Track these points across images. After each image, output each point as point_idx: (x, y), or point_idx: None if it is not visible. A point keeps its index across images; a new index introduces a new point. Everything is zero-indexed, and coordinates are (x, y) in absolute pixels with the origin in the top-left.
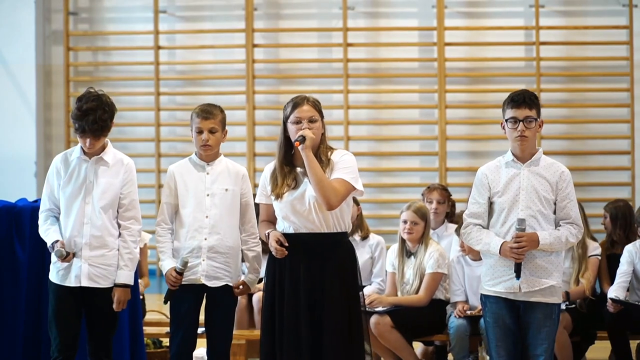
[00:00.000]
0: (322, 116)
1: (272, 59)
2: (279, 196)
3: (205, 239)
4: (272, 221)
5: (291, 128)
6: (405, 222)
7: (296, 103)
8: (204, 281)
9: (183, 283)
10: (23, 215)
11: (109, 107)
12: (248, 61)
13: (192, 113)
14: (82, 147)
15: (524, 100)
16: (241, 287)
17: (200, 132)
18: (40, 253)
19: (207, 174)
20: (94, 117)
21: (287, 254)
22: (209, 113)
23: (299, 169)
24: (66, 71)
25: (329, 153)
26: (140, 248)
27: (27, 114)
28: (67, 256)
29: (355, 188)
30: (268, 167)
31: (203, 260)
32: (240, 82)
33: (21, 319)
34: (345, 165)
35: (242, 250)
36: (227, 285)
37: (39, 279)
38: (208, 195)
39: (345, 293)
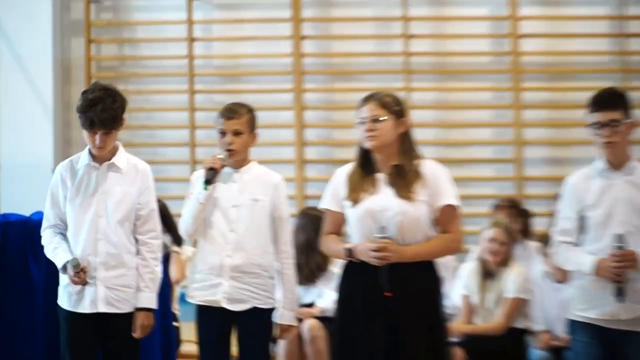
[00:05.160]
0: (399, 114)
1: (322, 53)
2: (355, 201)
3: (229, 257)
4: (339, 232)
5: (360, 128)
6: (490, 240)
7: (361, 101)
8: (225, 305)
9: (204, 305)
10: (39, 230)
11: (119, 98)
12: (295, 55)
13: (217, 113)
14: (90, 153)
15: (605, 100)
16: (281, 330)
17: (223, 134)
18: (59, 273)
19: (235, 182)
20: (102, 106)
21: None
22: (233, 112)
23: (380, 175)
24: (87, 66)
25: (416, 163)
26: (181, 263)
27: (43, 115)
28: (82, 270)
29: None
30: (343, 169)
31: (225, 280)
32: (287, 79)
33: (37, 350)
34: (446, 185)
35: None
36: (255, 308)
37: (57, 304)
38: (234, 206)
39: (429, 322)
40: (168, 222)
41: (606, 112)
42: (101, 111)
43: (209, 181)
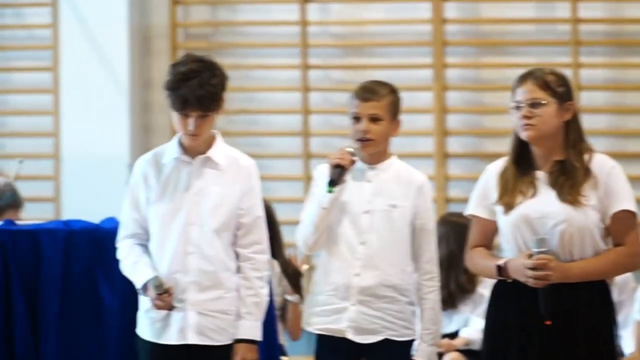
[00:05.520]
0: (564, 97)
1: (469, 18)
2: (509, 206)
3: (357, 275)
4: (488, 245)
5: (514, 115)
6: None
7: (517, 80)
8: (350, 336)
9: (325, 334)
10: (111, 242)
11: (219, 72)
12: (435, 21)
13: (351, 94)
14: (179, 144)
15: None
16: None
17: (357, 119)
18: (137, 297)
19: (369, 181)
20: (198, 81)
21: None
22: (372, 93)
23: (539, 173)
24: (172, 34)
25: (587, 157)
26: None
27: (116, 95)
28: (167, 291)
29: None
30: (494, 166)
31: (351, 305)
32: (424, 51)
33: None
34: (621, 186)
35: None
36: (388, 340)
37: (134, 333)
38: (366, 212)
39: (598, 359)
40: (273, 229)
41: None
42: (197, 87)
43: (334, 181)
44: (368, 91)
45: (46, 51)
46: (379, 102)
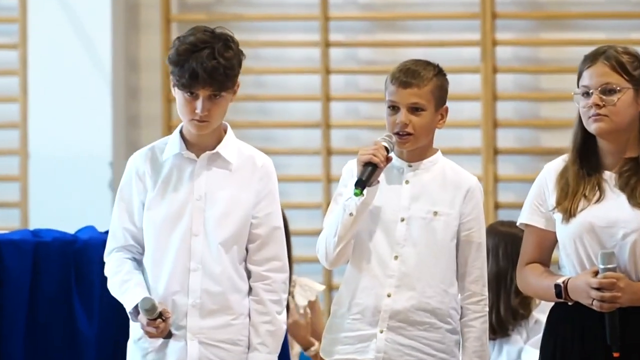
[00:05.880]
0: None
1: None
2: (569, 214)
3: (389, 296)
4: (544, 261)
5: (580, 103)
6: None
7: (584, 61)
8: None
9: None
10: (89, 257)
11: (234, 44)
12: None
13: (387, 77)
14: (182, 137)
15: None
16: None
17: (394, 108)
18: (121, 324)
19: (407, 182)
20: (210, 52)
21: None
22: (414, 77)
23: (607, 173)
24: (164, 3)
25: None
26: (309, 304)
27: (96, 78)
28: (162, 316)
29: None
30: (553, 165)
31: (381, 331)
32: (471, 25)
33: None
34: None
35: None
36: None
37: None
38: (403, 220)
39: None
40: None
41: None
42: (210, 58)
43: (363, 182)
44: (409, 74)
45: (11, 25)
46: (422, 88)
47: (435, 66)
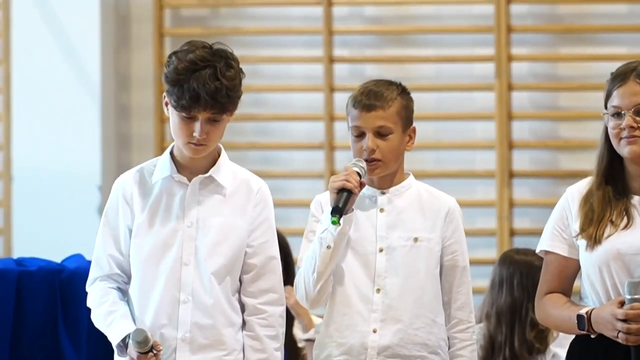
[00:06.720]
0: None
1: None
2: (595, 240)
3: (375, 332)
4: (565, 291)
5: (609, 124)
6: None
7: (614, 78)
8: None
9: None
10: (77, 287)
11: (235, 62)
12: (497, 1)
13: (347, 101)
14: (172, 159)
15: None
16: None
17: (359, 135)
18: (110, 358)
19: (381, 210)
20: (213, 72)
21: None
22: (377, 98)
23: (636, 198)
24: (158, 16)
25: None
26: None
27: (84, 95)
28: (153, 349)
29: None
30: (575, 189)
31: None
32: (485, 39)
33: None
34: None
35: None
36: None
37: None
38: (382, 250)
39: None
40: (287, 271)
41: None
42: (212, 79)
43: (340, 209)
44: (371, 96)
45: None
46: (387, 110)
47: (397, 85)
